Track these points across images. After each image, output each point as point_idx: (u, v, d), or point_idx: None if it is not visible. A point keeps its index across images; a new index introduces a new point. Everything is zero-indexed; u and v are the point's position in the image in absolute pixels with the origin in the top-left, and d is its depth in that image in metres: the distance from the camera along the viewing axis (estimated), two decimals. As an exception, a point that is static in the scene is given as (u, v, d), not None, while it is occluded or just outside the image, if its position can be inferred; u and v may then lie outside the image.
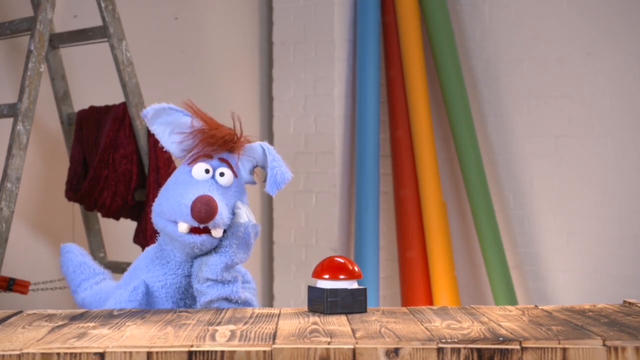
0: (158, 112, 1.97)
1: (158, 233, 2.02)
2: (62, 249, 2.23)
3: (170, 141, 1.98)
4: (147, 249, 2.08)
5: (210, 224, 1.89)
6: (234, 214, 1.95)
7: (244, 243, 1.95)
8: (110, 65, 3.19)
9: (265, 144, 2.00)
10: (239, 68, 4.42)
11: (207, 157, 1.96)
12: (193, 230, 1.91)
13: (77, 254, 2.20)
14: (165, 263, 1.99)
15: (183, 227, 1.90)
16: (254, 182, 2.03)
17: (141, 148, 3.12)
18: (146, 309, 1.89)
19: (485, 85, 4.26)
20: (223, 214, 1.91)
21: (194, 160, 1.96)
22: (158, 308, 1.95)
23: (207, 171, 1.95)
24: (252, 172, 2.02)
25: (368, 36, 4.29)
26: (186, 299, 2.00)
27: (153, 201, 2.02)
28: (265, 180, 1.99)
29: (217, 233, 1.92)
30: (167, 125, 1.97)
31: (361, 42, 4.30)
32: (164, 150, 2.03)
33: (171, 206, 1.92)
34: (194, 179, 1.94)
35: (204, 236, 1.92)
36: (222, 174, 1.95)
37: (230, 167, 1.97)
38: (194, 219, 1.88)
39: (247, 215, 1.96)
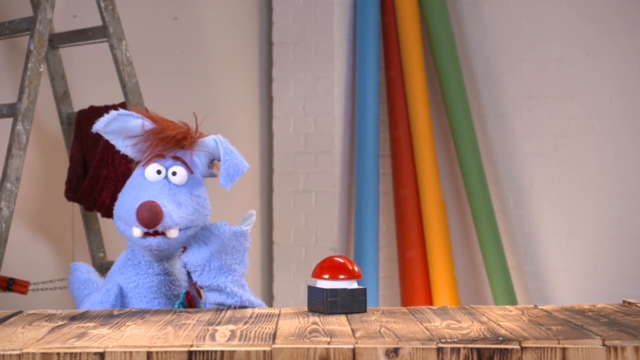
0: (109, 122, 1.95)
1: None
2: (71, 268, 2.22)
3: (125, 145, 1.97)
4: (121, 254, 2.08)
5: (159, 227, 1.88)
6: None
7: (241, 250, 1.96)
8: (110, 65, 3.19)
9: (219, 137, 1.97)
10: (239, 68, 4.42)
11: (160, 157, 1.95)
12: (147, 234, 1.91)
13: (84, 271, 2.19)
14: (137, 264, 1.99)
15: (137, 232, 1.90)
16: (214, 175, 2.01)
17: (141, 148, 3.12)
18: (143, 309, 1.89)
19: (485, 85, 4.26)
20: (173, 215, 1.89)
21: (147, 162, 1.95)
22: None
23: (158, 172, 1.93)
24: (210, 165, 2.00)
25: (368, 36, 4.29)
26: (159, 299, 1.99)
27: None
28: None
29: (171, 234, 1.91)
30: (118, 131, 1.96)
31: (361, 42, 4.30)
32: None
33: (125, 211, 1.92)
34: (147, 180, 1.93)
35: (158, 238, 1.91)
36: (174, 173, 1.94)
37: (185, 164, 1.96)
38: (141, 225, 1.88)
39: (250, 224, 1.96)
